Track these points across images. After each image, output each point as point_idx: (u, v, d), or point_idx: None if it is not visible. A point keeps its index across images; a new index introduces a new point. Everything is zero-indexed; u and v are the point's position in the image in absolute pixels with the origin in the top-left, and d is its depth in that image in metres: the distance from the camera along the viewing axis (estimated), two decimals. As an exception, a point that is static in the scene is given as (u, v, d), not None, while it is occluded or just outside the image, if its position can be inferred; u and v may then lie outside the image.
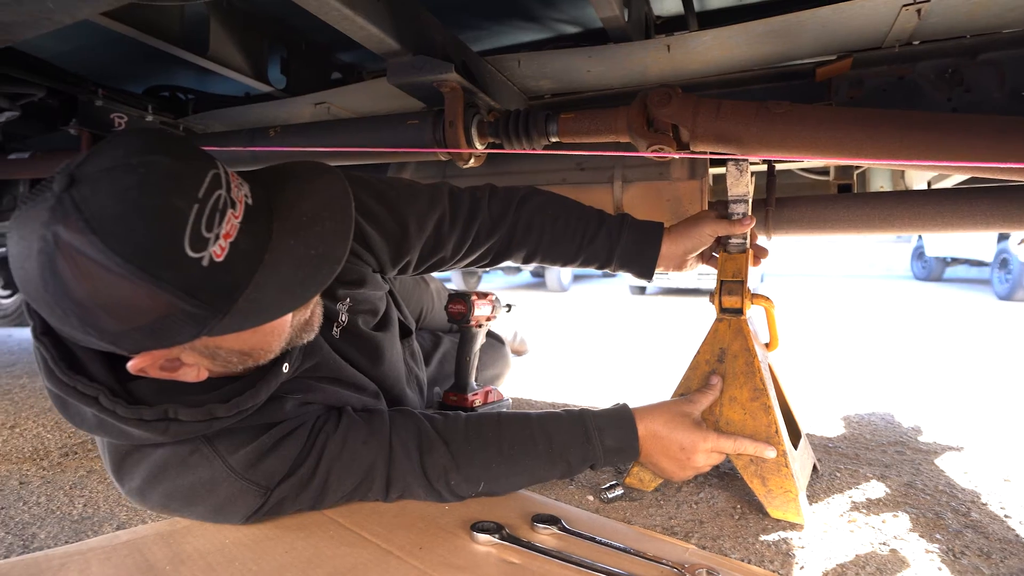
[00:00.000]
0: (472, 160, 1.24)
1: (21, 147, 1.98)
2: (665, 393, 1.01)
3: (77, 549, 0.76)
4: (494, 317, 1.29)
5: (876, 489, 1.04)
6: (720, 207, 1.06)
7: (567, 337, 3.51)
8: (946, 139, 0.90)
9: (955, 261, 7.97)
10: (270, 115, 1.60)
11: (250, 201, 0.64)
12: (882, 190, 1.60)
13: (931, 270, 8.43)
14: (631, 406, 0.95)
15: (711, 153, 1.05)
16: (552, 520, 0.83)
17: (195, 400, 0.71)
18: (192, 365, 0.68)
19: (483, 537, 0.78)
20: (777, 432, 0.90)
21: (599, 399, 1.84)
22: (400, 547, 0.76)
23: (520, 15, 1.42)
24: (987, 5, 0.96)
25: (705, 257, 1.08)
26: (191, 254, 0.56)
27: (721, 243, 1.04)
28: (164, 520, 0.86)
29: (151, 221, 0.55)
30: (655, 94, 1.02)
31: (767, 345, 1.04)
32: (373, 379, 0.98)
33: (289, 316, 0.72)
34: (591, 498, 0.98)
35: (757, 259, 1.06)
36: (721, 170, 1.53)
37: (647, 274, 1.04)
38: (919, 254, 8.83)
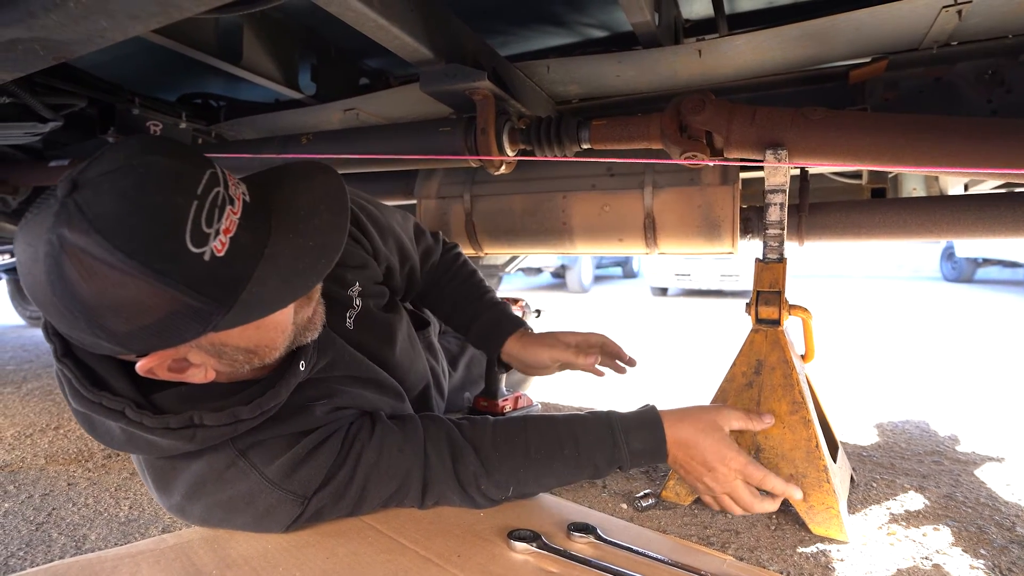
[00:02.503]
0: (503, 167, 1.24)
1: (60, 154, 2.04)
2: (691, 396, 1.00)
3: (127, 552, 0.78)
4: (524, 323, 1.30)
5: (915, 501, 1.02)
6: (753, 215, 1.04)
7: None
8: (989, 145, 0.88)
9: (987, 262, 7.77)
10: (300, 122, 1.62)
11: (248, 199, 0.66)
12: (915, 193, 1.57)
13: (961, 271, 8.22)
14: (659, 408, 0.94)
15: (746, 160, 1.04)
16: (588, 529, 0.83)
17: (218, 405, 0.73)
18: (199, 365, 0.69)
19: (520, 545, 0.78)
20: (817, 447, 0.89)
21: (624, 401, 1.83)
22: (438, 554, 0.77)
23: (548, 20, 1.42)
24: (1033, 4, 0.93)
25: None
26: (193, 249, 0.58)
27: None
28: (208, 523, 0.89)
29: (152, 218, 0.57)
30: (689, 101, 1.02)
31: (803, 356, 1.03)
32: (390, 369, 0.99)
33: (291, 313, 0.73)
34: (625, 506, 0.98)
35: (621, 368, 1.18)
36: (752, 175, 1.52)
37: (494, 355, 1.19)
38: (949, 255, 8.62)
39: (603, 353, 1.16)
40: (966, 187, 1.60)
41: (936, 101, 1.14)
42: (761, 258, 1.01)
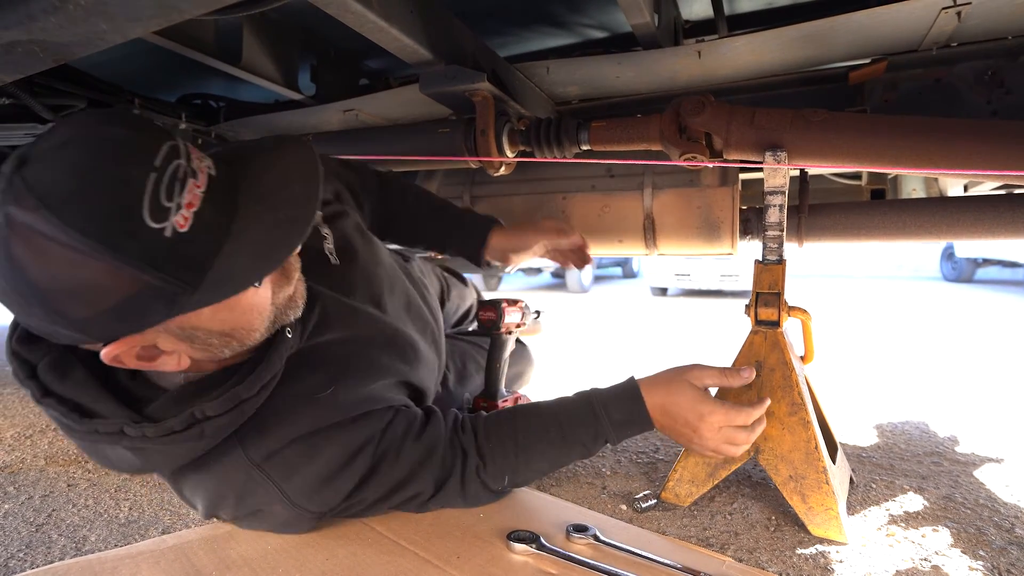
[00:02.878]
0: (503, 168, 1.25)
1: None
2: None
3: (127, 553, 0.78)
4: (524, 324, 1.30)
5: (914, 502, 1.03)
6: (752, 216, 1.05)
7: (589, 339, 3.50)
8: (988, 147, 0.88)
9: (987, 262, 7.77)
10: (300, 122, 1.62)
11: (213, 172, 0.62)
12: (915, 194, 1.57)
13: (961, 271, 8.22)
14: (639, 378, 0.94)
15: (745, 161, 1.04)
16: (587, 530, 0.83)
17: (216, 394, 0.69)
18: (171, 352, 0.65)
19: (520, 547, 0.79)
20: (816, 448, 0.89)
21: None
22: (438, 556, 0.77)
23: (547, 21, 1.42)
24: (1032, 5, 0.93)
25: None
26: (152, 224, 0.54)
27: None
28: (208, 525, 0.89)
29: (106, 191, 0.53)
30: (688, 102, 1.02)
31: (802, 357, 1.03)
32: (379, 301, 0.96)
33: (269, 293, 0.70)
34: (624, 507, 0.98)
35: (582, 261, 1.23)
36: (752, 176, 1.52)
37: (476, 259, 1.20)
38: (948, 255, 8.62)
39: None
40: (966, 188, 1.60)
41: (936, 102, 1.14)
42: (760, 259, 1.01)
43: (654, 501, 0.98)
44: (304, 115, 1.56)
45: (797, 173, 1.29)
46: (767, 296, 0.97)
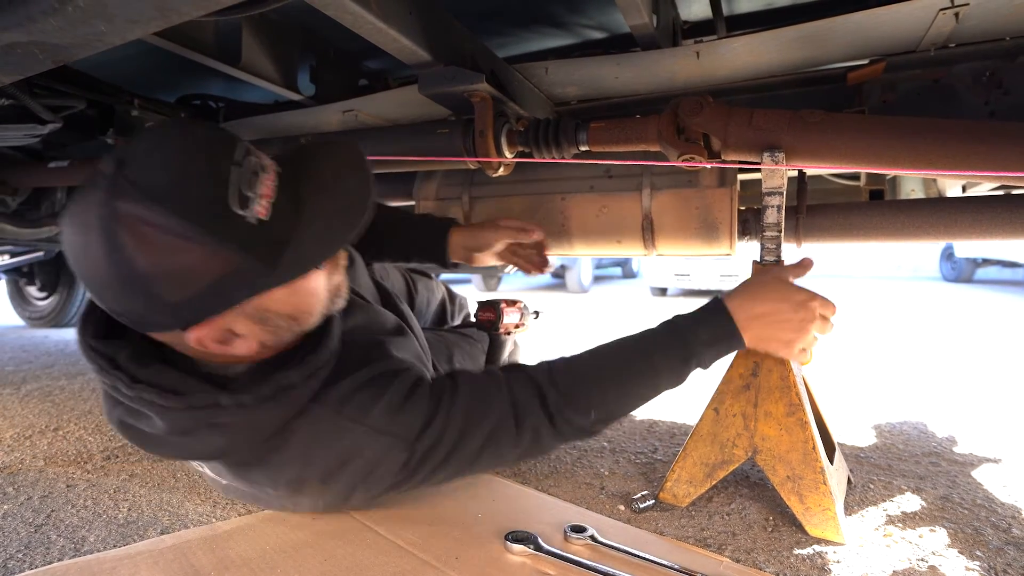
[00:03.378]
0: (501, 169, 1.25)
1: (60, 156, 2.04)
2: (689, 395, 1.00)
3: (126, 553, 0.78)
4: (523, 324, 1.30)
5: (911, 502, 1.03)
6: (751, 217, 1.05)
7: (590, 339, 3.50)
8: (986, 148, 0.88)
9: (986, 262, 7.77)
10: (299, 123, 1.62)
11: (278, 168, 0.70)
12: (913, 195, 1.58)
13: (961, 271, 8.22)
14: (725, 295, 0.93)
15: (744, 162, 1.05)
16: (585, 530, 0.83)
17: (294, 363, 0.75)
18: (245, 336, 0.71)
19: (517, 547, 0.79)
20: (814, 448, 0.89)
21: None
22: (436, 557, 0.78)
23: (546, 21, 1.42)
24: (1030, 7, 0.93)
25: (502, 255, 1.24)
26: (239, 211, 0.62)
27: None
28: (207, 525, 0.89)
29: (201, 182, 0.61)
30: (686, 103, 1.02)
31: None
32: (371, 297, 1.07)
33: (324, 280, 0.76)
34: (622, 508, 0.99)
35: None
36: (750, 176, 1.52)
37: (442, 260, 1.22)
38: (948, 255, 8.62)
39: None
40: (964, 189, 1.61)
41: (934, 103, 1.14)
42: (759, 260, 1.01)
43: (652, 501, 0.98)
44: (303, 116, 1.56)
45: (795, 174, 1.29)
46: None
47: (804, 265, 0.97)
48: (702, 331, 0.88)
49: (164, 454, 0.77)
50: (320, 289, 0.76)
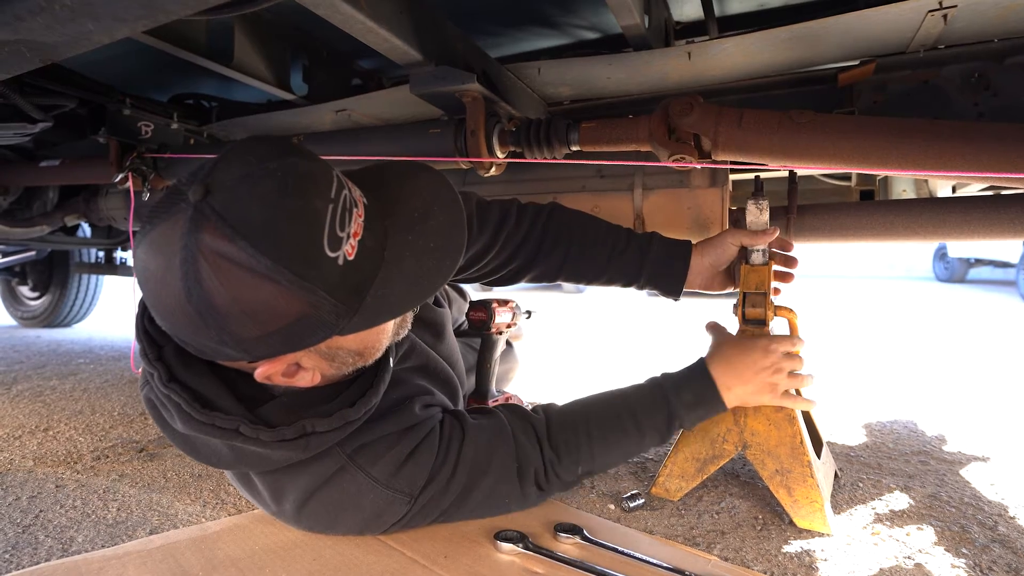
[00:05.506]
0: (493, 169, 1.25)
1: (51, 155, 2.03)
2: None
3: (114, 553, 0.78)
4: (514, 324, 1.30)
5: (899, 500, 1.03)
6: (741, 216, 1.05)
7: (585, 340, 3.51)
8: (973, 149, 0.89)
9: (979, 262, 7.83)
10: (292, 122, 1.62)
11: (366, 201, 0.66)
12: (904, 195, 1.58)
13: (954, 271, 8.28)
14: (707, 356, 0.95)
15: (734, 163, 1.05)
16: (574, 529, 0.83)
17: (326, 410, 0.72)
18: (309, 369, 0.69)
19: (507, 546, 0.79)
20: (801, 443, 0.90)
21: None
22: (425, 556, 0.78)
23: (538, 21, 1.42)
24: (1017, 8, 0.94)
25: (732, 274, 1.07)
26: (329, 253, 0.58)
27: (744, 256, 1.03)
28: (196, 526, 0.89)
29: (295, 223, 0.56)
30: (677, 104, 1.02)
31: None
32: (434, 332, 1.01)
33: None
34: (612, 507, 0.99)
35: (789, 275, 1.05)
36: (742, 176, 1.52)
37: (675, 290, 1.03)
38: (941, 255, 8.68)
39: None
40: (954, 189, 1.62)
41: (924, 104, 1.14)
42: (746, 261, 1.01)
43: (642, 500, 0.98)
44: (296, 115, 1.56)
45: (786, 173, 1.30)
46: (754, 296, 0.98)
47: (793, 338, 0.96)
48: (685, 395, 0.90)
49: (176, 446, 0.75)
50: (389, 325, 0.74)
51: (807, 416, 1.03)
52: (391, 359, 0.81)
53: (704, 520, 0.94)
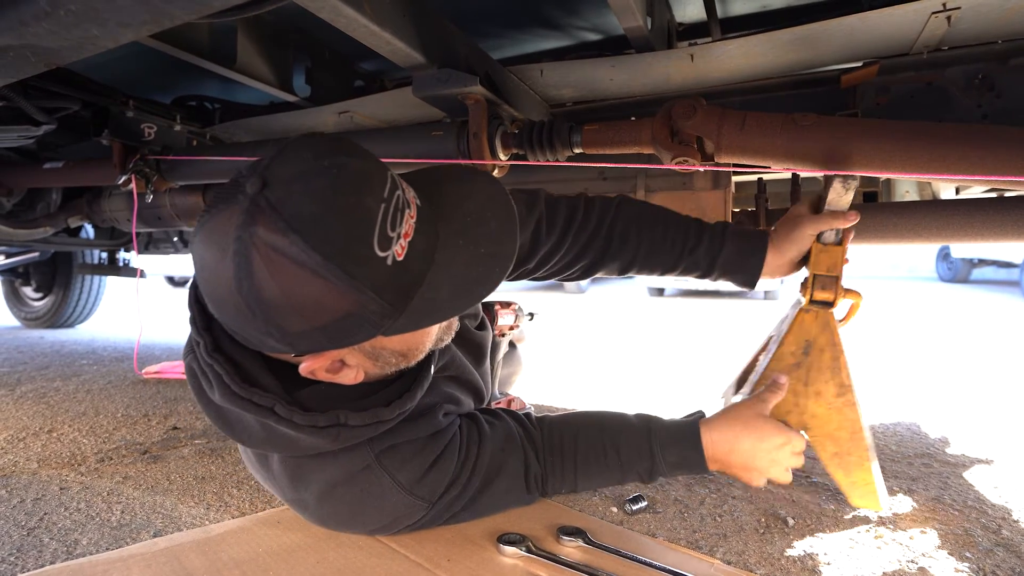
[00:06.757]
0: (495, 171, 1.25)
1: (55, 156, 2.03)
2: (686, 395, 1.00)
3: (119, 556, 0.78)
4: (517, 326, 1.31)
5: (903, 503, 1.03)
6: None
7: (587, 340, 3.51)
8: (978, 152, 0.89)
9: (982, 262, 7.80)
10: (295, 124, 1.63)
11: (419, 202, 0.66)
12: (908, 197, 1.58)
13: (957, 271, 8.26)
14: (706, 415, 0.93)
15: (737, 165, 1.05)
16: (577, 532, 0.83)
17: (360, 405, 0.73)
18: (353, 367, 0.70)
19: (509, 549, 0.79)
20: (861, 428, 0.92)
21: (622, 404, 1.83)
22: (428, 559, 0.78)
23: (541, 23, 1.42)
24: (1021, 10, 0.94)
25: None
26: (379, 253, 0.58)
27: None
28: (200, 528, 0.89)
29: (347, 220, 0.57)
30: (679, 106, 1.02)
31: None
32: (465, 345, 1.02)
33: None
34: (615, 510, 0.99)
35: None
36: (744, 178, 1.52)
37: (751, 282, 1.01)
38: (944, 255, 8.65)
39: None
40: (957, 191, 1.61)
41: (927, 106, 1.14)
42: (818, 239, 0.97)
43: (645, 503, 0.98)
44: (299, 117, 1.56)
45: (789, 175, 1.30)
46: (824, 279, 0.95)
47: (781, 387, 0.92)
48: (670, 454, 0.89)
49: (209, 419, 0.75)
50: (435, 329, 0.75)
51: None
52: (432, 365, 0.81)
53: (707, 524, 0.94)
